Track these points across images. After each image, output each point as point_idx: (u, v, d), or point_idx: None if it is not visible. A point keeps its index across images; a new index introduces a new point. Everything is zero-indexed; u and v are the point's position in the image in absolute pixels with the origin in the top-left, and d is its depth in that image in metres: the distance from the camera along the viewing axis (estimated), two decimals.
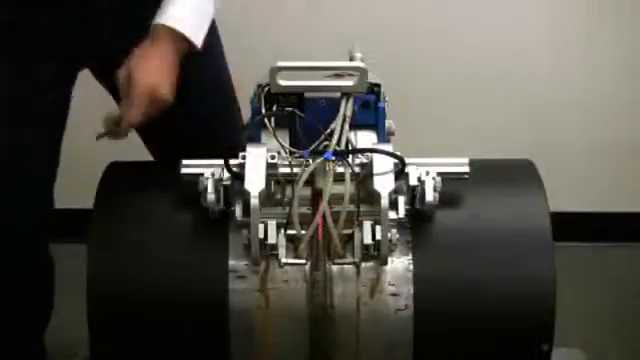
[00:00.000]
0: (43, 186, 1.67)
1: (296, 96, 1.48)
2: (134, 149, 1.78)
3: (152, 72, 1.52)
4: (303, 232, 1.40)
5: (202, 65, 1.69)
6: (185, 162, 1.47)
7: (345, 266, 1.43)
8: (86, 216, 1.49)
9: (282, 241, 1.41)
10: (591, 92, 2.55)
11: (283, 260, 1.41)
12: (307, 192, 1.44)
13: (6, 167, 1.58)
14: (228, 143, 1.46)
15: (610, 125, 2.59)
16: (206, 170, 1.45)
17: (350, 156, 1.43)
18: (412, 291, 1.43)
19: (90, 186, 1.53)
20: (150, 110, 1.53)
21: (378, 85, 1.51)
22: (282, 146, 1.45)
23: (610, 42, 2.50)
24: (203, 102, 1.76)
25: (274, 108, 1.49)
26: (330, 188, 1.39)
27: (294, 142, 1.48)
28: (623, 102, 2.56)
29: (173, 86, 1.54)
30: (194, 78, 1.67)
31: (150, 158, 1.85)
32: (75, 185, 1.97)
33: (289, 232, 1.41)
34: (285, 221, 1.40)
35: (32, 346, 1.82)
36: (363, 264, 1.43)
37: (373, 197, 1.40)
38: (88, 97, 1.74)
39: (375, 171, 1.41)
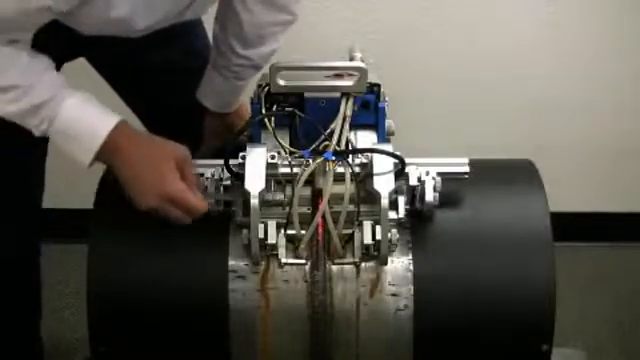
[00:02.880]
0: (31, 182, 1.69)
1: (296, 96, 1.49)
2: None
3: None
4: (303, 232, 1.40)
5: None
6: None
7: (345, 266, 1.43)
8: (86, 216, 1.49)
9: (282, 241, 1.41)
10: (591, 92, 2.54)
11: (283, 260, 1.41)
12: (307, 192, 1.44)
13: None
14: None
15: (610, 125, 2.58)
16: (206, 170, 1.45)
17: (350, 156, 1.43)
18: (412, 291, 1.43)
19: (90, 186, 1.53)
20: None
21: (378, 85, 1.51)
22: (282, 146, 1.45)
23: (610, 43, 2.49)
24: None
25: (274, 108, 1.49)
26: (330, 188, 1.39)
27: (294, 142, 1.48)
28: (623, 103, 2.55)
29: None
30: None
31: None
32: (75, 185, 1.97)
33: (289, 232, 1.41)
34: (285, 221, 1.41)
35: (28, 340, 1.83)
36: (363, 264, 1.43)
37: (373, 197, 1.40)
38: None
39: (375, 171, 1.41)
